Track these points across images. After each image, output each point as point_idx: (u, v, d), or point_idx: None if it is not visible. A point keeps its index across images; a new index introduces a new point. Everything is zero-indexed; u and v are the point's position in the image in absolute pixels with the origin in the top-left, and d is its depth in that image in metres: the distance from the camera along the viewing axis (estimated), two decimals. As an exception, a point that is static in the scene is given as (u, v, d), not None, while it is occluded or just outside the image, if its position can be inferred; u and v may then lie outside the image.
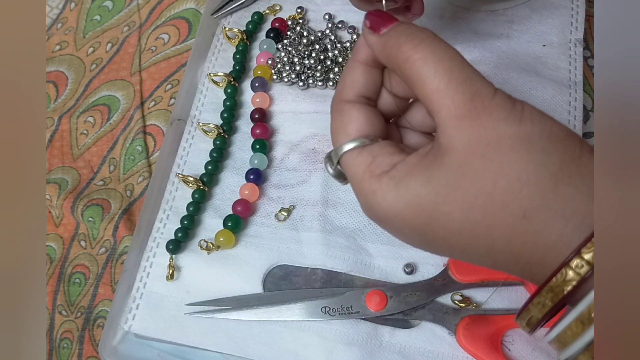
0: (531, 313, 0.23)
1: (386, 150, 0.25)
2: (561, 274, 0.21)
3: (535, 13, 0.44)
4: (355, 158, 0.25)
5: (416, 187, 0.23)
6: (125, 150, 0.47)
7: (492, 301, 0.36)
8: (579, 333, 0.21)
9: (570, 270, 0.21)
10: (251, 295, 0.38)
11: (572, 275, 0.21)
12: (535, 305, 0.22)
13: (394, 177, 0.24)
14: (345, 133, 0.26)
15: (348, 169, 0.26)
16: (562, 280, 0.21)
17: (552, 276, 0.22)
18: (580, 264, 0.21)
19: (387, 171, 0.24)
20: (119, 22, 0.52)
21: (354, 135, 0.26)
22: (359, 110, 0.26)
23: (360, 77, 0.27)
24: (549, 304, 0.22)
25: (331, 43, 0.45)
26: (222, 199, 0.42)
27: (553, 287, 0.21)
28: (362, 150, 0.25)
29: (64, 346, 0.41)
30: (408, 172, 0.24)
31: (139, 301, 0.39)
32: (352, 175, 0.25)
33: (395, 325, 0.36)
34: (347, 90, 0.27)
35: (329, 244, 0.38)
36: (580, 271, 0.21)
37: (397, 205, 0.24)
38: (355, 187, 0.25)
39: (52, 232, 0.45)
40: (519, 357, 0.34)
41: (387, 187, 0.24)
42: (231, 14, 0.49)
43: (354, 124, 0.26)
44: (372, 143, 0.25)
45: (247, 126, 0.44)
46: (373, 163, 0.25)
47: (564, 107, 0.41)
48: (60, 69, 0.51)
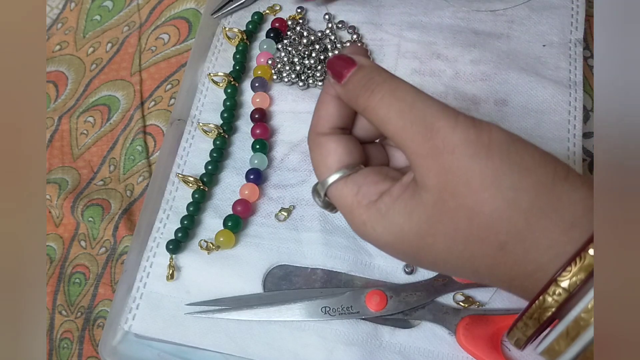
0: (517, 335, 0.24)
1: (370, 179, 0.26)
2: (539, 301, 0.22)
3: (535, 13, 0.44)
4: (341, 189, 0.26)
5: (400, 221, 0.24)
6: (125, 150, 0.47)
7: (492, 301, 0.36)
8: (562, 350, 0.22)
9: (548, 296, 0.22)
10: (251, 295, 0.38)
11: (550, 302, 0.22)
12: (520, 328, 0.23)
13: (380, 209, 0.25)
14: (326, 166, 0.26)
15: (336, 200, 0.26)
16: (541, 307, 0.22)
17: (531, 303, 0.22)
18: (557, 292, 0.21)
19: (374, 201, 0.25)
20: (119, 22, 0.52)
21: (335, 168, 0.26)
22: (337, 142, 0.27)
23: (334, 110, 0.27)
24: (532, 328, 0.23)
25: (331, 43, 0.45)
26: (222, 199, 0.42)
27: (533, 313, 0.22)
28: (347, 181, 0.26)
29: (64, 346, 0.41)
30: (392, 205, 0.24)
31: (139, 301, 0.39)
32: (341, 206, 0.26)
33: (395, 325, 0.36)
34: (323, 123, 0.27)
35: (329, 244, 0.38)
36: (558, 298, 0.22)
37: (386, 236, 0.25)
38: (346, 217, 0.26)
39: (52, 232, 0.45)
40: (519, 357, 0.34)
41: (375, 218, 0.25)
42: (231, 14, 0.49)
43: (333, 156, 0.26)
44: (355, 172, 0.26)
45: (247, 126, 0.44)
46: (359, 193, 0.25)
47: (564, 107, 0.41)
48: (60, 69, 0.51)
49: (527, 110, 0.41)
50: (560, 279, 0.21)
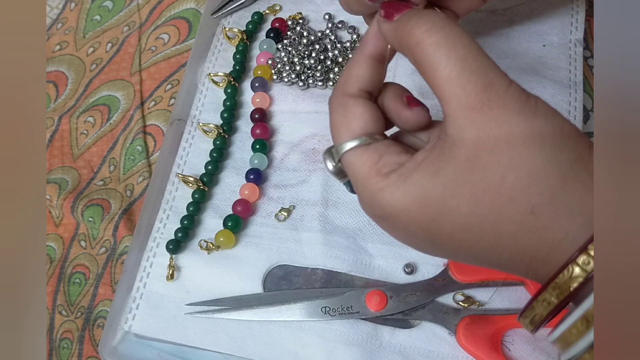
0: (536, 311, 0.23)
1: (392, 149, 0.25)
2: (567, 270, 0.21)
3: (535, 13, 0.44)
4: (360, 156, 0.25)
5: (424, 182, 0.23)
6: (125, 150, 0.47)
7: (493, 301, 0.36)
8: (584, 331, 0.21)
9: (577, 266, 0.21)
10: (251, 295, 0.38)
11: (578, 272, 0.21)
12: (540, 302, 0.22)
13: (402, 174, 0.23)
14: (349, 130, 0.25)
15: (351, 166, 0.25)
16: (569, 276, 0.21)
17: (558, 272, 0.21)
18: (587, 261, 0.21)
19: (395, 170, 0.24)
20: (119, 22, 0.52)
21: (358, 133, 0.25)
22: (364, 107, 0.25)
23: (366, 70, 0.26)
24: (555, 301, 0.22)
25: (331, 43, 0.45)
26: (222, 199, 0.42)
27: (559, 284, 0.21)
28: (367, 148, 0.25)
29: (64, 346, 0.41)
30: (416, 167, 0.23)
31: (139, 301, 0.39)
32: (356, 173, 0.25)
33: (395, 325, 0.36)
34: (352, 84, 0.26)
35: (329, 244, 0.38)
36: (587, 268, 0.21)
37: (405, 200, 0.23)
38: (359, 184, 0.25)
39: (52, 232, 0.45)
40: (519, 357, 0.34)
41: (396, 184, 0.23)
42: (231, 14, 0.48)
43: (359, 121, 0.25)
44: (376, 141, 0.25)
45: (247, 126, 0.44)
46: (380, 161, 0.24)
47: (564, 107, 0.41)
48: (60, 69, 0.51)
49: (527, 110, 0.41)
50: (591, 247, 0.20)
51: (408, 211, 0.23)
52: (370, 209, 0.25)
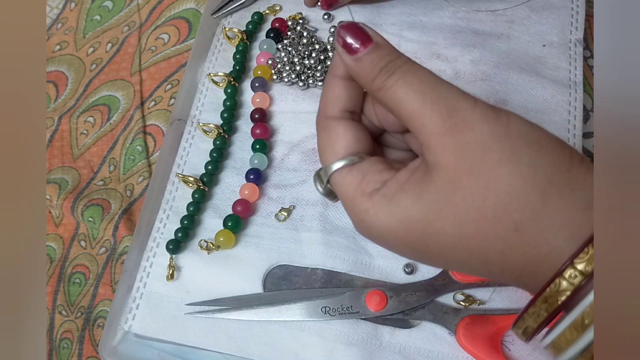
0: (527, 323, 0.23)
1: (375, 168, 0.25)
2: (555, 284, 0.21)
3: (535, 13, 0.44)
4: (345, 177, 0.25)
5: (408, 204, 0.23)
6: (125, 150, 0.47)
7: (492, 301, 0.36)
8: (573, 339, 0.21)
9: (563, 280, 0.21)
10: (251, 295, 0.38)
11: (565, 285, 0.21)
12: (531, 315, 0.23)
13: (385, 194, 0.24)
14: (333, 152, 0.26)
15: (339, 188, 0.26)
16: (556, 290, 0.21)
17: (545, 287, 0.22)
18: (573, 274, 0.21)
19: (378, 189, 0.24)
20: (119, 22, 0.52)
21: (342, 154, 0.25)
22: (346, 128, 0.26)
23: (342, 91, 0.27)
24: (544, 313, 0.22)
25: (331, 43, 0.45)
26: (222, 199, 0.42)
27: (547, 298, 0.22)
28: (352, 169, 0.25)
29: (64, 346, 0.41)
30: (399, 189, 0.24)
31: (139, 301, 0.39)
32: (343, 194, 0.25)
33: (395, 325, 0.36)
34: (331, 107, 0.27)
35: (329, 244, 0.38)
36: (573, 281, 0.21)
37: (390, 222, 0.24)
38: (346, 205, 0.25)
39: (52, 232, 0.45)
40: (519, 357, 0.34)
41: (379, 204, 0.24)
42: (231, 14, 0.49)
43: (342, 142, 0.26)
44: (361, 160, 0.25)
45: (247, 126, 0.44)
46: (363, 181, 0.25)
47: (564, 107, 0.41)
48: (60, 69, 0.51)
49: (527, 110, 0.41)
50: (577, 261, 0.21)
51: (394, 232, 0.24)
52: (359, 229, 0.25)
